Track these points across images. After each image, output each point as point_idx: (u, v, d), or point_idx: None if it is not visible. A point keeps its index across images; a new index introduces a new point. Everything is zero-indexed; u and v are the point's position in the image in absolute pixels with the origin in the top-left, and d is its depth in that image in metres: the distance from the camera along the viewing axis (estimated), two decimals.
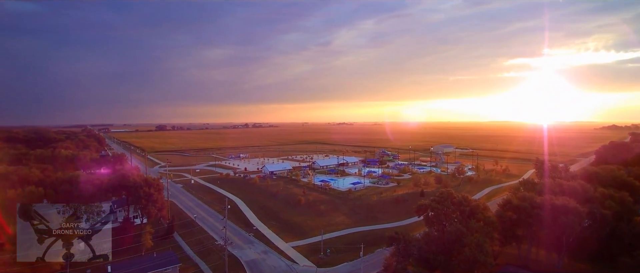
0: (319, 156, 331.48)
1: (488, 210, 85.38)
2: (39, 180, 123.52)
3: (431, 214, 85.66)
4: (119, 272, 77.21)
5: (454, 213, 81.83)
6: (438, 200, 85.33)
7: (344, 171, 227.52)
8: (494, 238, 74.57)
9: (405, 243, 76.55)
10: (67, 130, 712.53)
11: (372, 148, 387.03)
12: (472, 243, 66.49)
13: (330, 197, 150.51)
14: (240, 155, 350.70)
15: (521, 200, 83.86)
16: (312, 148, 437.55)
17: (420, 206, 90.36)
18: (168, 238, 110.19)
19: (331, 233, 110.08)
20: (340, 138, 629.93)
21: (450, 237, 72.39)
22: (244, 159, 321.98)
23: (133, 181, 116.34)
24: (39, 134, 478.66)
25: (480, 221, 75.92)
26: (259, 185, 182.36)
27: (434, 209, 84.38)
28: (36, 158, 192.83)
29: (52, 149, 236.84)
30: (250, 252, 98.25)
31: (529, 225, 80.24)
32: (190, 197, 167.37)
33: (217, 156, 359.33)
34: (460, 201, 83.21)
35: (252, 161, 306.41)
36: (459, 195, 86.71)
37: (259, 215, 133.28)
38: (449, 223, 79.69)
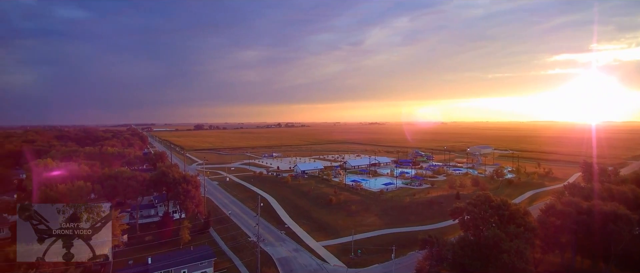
0: (350, 156, 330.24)
1: (529, 215, 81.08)
2: (88, 176, 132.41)
3: (467, 218, 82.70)
4: (159, 264, 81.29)
5: (491, 217, 78.44)
6: (475, 203, 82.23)
7: (375, 172, 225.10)
8: (535, 245, 70.79)
9: (439, 247, 74.39)
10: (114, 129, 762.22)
11: (405, 148, 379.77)
12: (511, 250, 63.44)
13: (361, 197, 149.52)
14: (273, 154, 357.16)
15: (566, 205, 78.95)
16: (344, 148, 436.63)
17: (456, 209, 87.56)
18: (204, 233, 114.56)
19: (362, 233, 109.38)
20: (372, 138, 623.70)
21: (487, 242, 69.47)
22: (277, 159, 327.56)
23: (172, 178, 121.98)
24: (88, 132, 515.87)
25: (520, 226, 72.28)
26: (290, 183, 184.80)
27: (470, 212, 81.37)
28: (85, 155, 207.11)
29: (100, 147, 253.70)
30: (282, 250, 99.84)
31: (573, 231, 75.34)
32: (226, 194, 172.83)
33: (251, 155, 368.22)
34: (498, 204, 79.68)
35: (285, 160, 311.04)
36: (497, 199, 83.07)
37: (291, 214, 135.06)
38: (486, 227, 76.52)
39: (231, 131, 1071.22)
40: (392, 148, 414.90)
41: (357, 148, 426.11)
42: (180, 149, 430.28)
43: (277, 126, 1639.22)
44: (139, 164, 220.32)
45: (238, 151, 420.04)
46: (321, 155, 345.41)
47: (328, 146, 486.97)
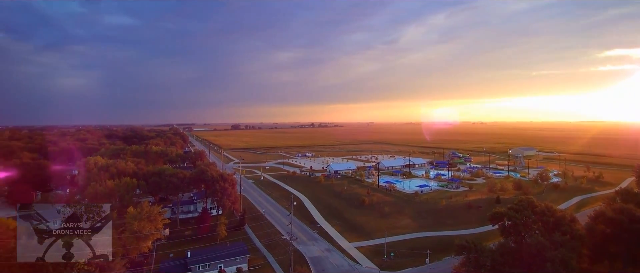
0: (384, 156, 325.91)
1: (576, 222, 75.80)
2: (134, 172, 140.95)
3: (508, 223, 78.86)
4: (197, 258, 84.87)
5: (535, 223, 74.25)
6: (517, 208, 78.29)
7: (410, 173, 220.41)
8: (582, 255, 66.15)
9: (477, 253, 71.37)
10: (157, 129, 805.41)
11: (441, 149, 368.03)
12: (556, 259, 59.68)
13: (395, 199, 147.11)
14: (307, 154, 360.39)
15: (617, 212, 72.99)
16: (377, 148, 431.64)
17: (496, 214, 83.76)
18: (239, 230, 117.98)
19: (395, 236, 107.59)
20: (406, 138, 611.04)
21: (529, 250, 65.76)
22: (310, 158, 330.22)
23: (211, 176, 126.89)
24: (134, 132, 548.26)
25: (566, 234, 67.81)
26: (323, 183, 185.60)
27: (511, 218, 77.50)
28: (132, 153, 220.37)
29: (145, 145, 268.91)
30: (314, 249, 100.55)
31: (625, 241, 69.40)
32: (260, 192, 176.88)
33: (285, 154, 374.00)
34: (543, 210, 75.31)
35: (318, 160, 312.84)
36: (541, 204, 78.55)
37: (323, 213, 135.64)
38: (529, 234, 72.41)
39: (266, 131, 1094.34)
40: (428, 148, 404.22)
41: (391, 149, 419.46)
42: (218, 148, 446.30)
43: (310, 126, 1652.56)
44: (180, 162, 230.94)
45: (272, 150, 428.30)
46: (354, 155, 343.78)
47: (361, 146, 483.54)
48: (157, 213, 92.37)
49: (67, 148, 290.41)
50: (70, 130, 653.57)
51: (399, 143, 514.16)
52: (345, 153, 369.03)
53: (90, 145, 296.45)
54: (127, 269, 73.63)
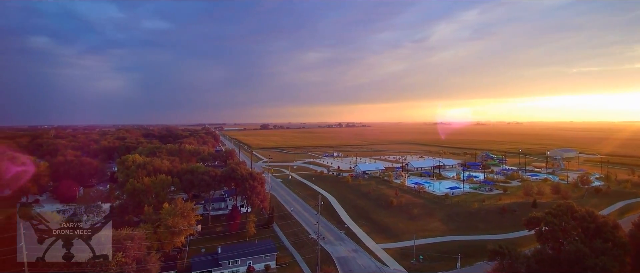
0: (412, 157, 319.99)
1: (619, 229, 70.83)
2: (168, 170, 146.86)
3: (545, 229, 75.19)
4: (227, 254, 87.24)
5: (574, 229, 70.31)
6: (555, 213, 74.50)
7: (440, 174, 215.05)
8: (625, 263, 61.84)
9: (511, 259, 68.51)
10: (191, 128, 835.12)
11: (473, 149, 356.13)
12: (597, 267, 56.23)
13: (424, 201, 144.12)
14: (334, 154, 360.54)
15: None
16: (406, 149, 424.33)
17: (532, 218, 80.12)
18: (268, 228, 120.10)
19: (424, 238, 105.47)
20: (436, 139, 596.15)
21: (568, 257, 62.36)
22: (337, 158, 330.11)
23: (241, 174, 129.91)
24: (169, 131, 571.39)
25: (608, 241, 63.68)
26: (351, 183, 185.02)
27: (549, 223, 73.83)
28: (167, 151, 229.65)
29: (179, 144, 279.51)
30: (341, 249, 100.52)
31: None
32: (288, 191, 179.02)
33: (312, 154, 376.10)
34: (583, 216, 71.17)
35: (345, 160, 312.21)
36: (581, 209, 74.25)
37: (351, 214, 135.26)
38: (568, 241, 68.72)
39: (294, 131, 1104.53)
40: (459, 149, 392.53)
41: (420, 149, 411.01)
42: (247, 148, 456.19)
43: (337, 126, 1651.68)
44: (212, 161, 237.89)
45: (300, 150, 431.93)
46: (382, 156, 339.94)
47: (389, 146, 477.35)
48: (190, 210, 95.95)
49: (108, 146, 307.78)
50: (111, 129, 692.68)
51: (428, 143, 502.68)
52: (372, 153, 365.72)
53: (128, 144, 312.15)
54: (162, 263, 76.89)
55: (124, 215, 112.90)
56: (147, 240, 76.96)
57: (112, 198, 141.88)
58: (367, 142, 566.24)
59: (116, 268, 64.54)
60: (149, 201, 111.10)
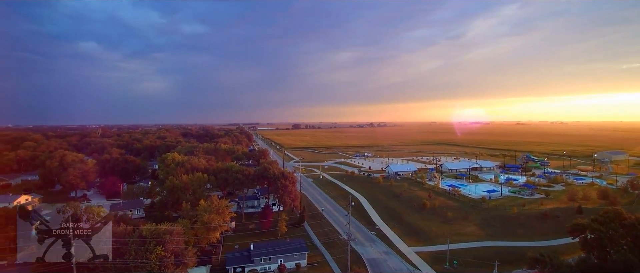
0: (447, 158, 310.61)
1: None
2: (205, 168, 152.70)
3: (591, 237, 70.77)
4: (260, 251, 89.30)
5: (623, 238, 65.62)
6: (602, 219, 69.85)
7: (476, 177, 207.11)
8: None
9: (553, 268, 64.94)
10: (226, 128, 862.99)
11: (513, 151, 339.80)
12: None
13: (459, 204, 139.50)
14: (365, 154, 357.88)
15: None
16: (440, 149, 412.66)
17: (576, 225, 75.69)
18: (299, 227, 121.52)
19: (459, 243, 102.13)
20: (473, 139, 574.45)
21: (615, 268, 58.14)
22: (368, 158, 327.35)
23: (273, 173, 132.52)
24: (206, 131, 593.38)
25: None
26: (382, 184, 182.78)
27: (595, 231, 69.37)
28: (203, 150, 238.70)
29: (215, 143, 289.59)
30: (372, 251, 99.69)
31: None
32: (319, 191, 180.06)
33: (343, 154, 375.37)
34: (633, 223, 66.10)
35: (376, 160, 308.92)
36: (631, 216, 69.00)
37: (382, 215, 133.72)
38: (615, 250, 64.15)
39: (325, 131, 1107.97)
40: (498, 150, 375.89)
41: (456, 150, 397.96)
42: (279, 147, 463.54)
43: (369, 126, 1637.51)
44: (245, 160, 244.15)
45: (331, 150, 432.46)
46: (415, 156, 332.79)
47: (422, 147, 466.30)
48: (224, 207, 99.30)
49: (150, 145, 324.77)
50: (152, 129, 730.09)
51: (464, 144, 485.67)
52: (405, 154, 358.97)
53: (168, 143, 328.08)
54: (198, 257, 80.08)
55: (164, 211, 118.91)
56: (184, 234, 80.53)
57: (153, 194, 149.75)
58: (399, 142, 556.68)
59: (156, 261, 68.02)
60: (186, 197, 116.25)
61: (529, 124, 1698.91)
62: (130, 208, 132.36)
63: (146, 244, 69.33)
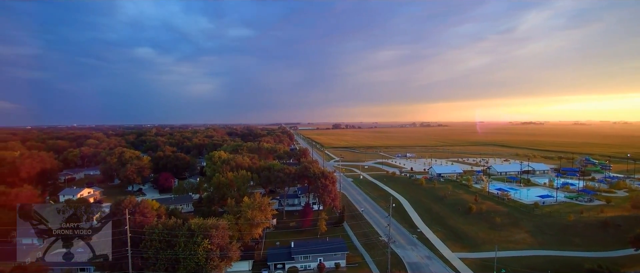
0: (496, 160, 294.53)
1: None
2: (248, 166, 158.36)
3: None
4: (300, 249, 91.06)
5: None
6: None
7: (528, 180, 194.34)
8: None
9: None
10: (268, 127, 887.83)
11: (570, 153, 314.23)
12: None
13: (508, 209, 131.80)
14: (407, 155, 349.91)
15: None
16: (488, 151, 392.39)
17: None
18: (338, 226, 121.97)
19: (507, 251, 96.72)
20: (525, 140, 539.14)
21: None
22: (411, 159, 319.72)
23: (313, 172, 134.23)
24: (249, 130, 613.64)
25: None
26: (425, 186, 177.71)
27: None
28: (247, 149, 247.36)
29: (258, 142, 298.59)
30: (413, 254, 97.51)
31: None
32: (359, 191, 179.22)
33: (384, 154, 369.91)
34: None
35: (419, 161, 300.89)
36: None
37: (424, 218, 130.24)
38: None
39: (365, 131, 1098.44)
40: (553, 152, 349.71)
41: (506, 152, 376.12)
42: (320, 147, 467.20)
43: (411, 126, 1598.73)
44: (287, 159, 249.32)
45: (372, 150, 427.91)
46: (460, 158, 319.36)
47: (469, 148, 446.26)
48: (267, 204, 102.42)
49: (198, 143, 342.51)
50: (201, 128, 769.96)
51: (515, 145, 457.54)
52: (449, 155, 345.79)
53: (215, 141, 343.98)
54: (242, 252, 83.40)
55: (211, 206, 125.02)
56: (229, 229, 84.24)
57: (201, 190, 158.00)
58: (443, 143, 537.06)
59: (203, 253, 71.90)
60: (231, 194, 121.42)
61: (588, 124, 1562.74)
62: (180, 203, 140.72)
63: (194, 237, 73.39)
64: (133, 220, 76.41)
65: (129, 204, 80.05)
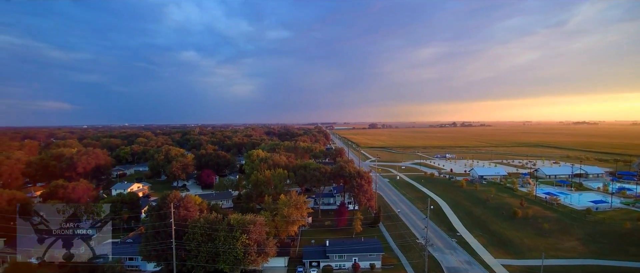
0: (544, 162, 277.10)
1: None
2: (285, 165, 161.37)
3: None
4: (335, 248, 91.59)
5: None
6: None
7: (580, 184, 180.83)
8: None
9: None
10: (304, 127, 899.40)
11: (627, 156, 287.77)
12: None
13: (557, 215, 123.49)
14: (447, 155, 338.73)
15: None
16: (536, 152, 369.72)
17: None
18: (374, 227, 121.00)
19: (556, 259, 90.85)
20: (577, 141, 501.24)
21: None
22: (450, 160, 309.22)
23: (349, 172, 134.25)
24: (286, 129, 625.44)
25: None
26: (465, 188, 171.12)
27: None
28: (284, 148, 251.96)
29: (295, 141, 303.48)
30: (452, 259, 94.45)
31: None
32: (395, 192, 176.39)
33: (422, 154, 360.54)
34: None
35: (459, 162, 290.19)
36: None
37: (464, 221, 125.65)
38: None
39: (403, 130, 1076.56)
40: (609, 155, 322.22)
41: (555, 153, 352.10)
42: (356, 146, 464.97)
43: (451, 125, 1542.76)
44: (323, 158, 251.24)
45: (409, 150, 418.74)
46: (504, 160, 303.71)
47: (514, 149, 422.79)
48: (302, 202, 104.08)
49: (238, 142, 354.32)
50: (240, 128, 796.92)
51: (566, 147, 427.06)
52: (493, 156, 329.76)
53: (254, 140, 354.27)
54: (278, 248, 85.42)
55: (249, 202, 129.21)
56: (266, 226, 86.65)
57: (240, 187, 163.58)
58: (486, 143, 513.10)
59: (241, 248, 74.60)
60: (268, 191, 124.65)
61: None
62: (221, 199, 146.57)
63: (233, 232, 76.33)
64: (177, 213, 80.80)
65: (174, 198, 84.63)
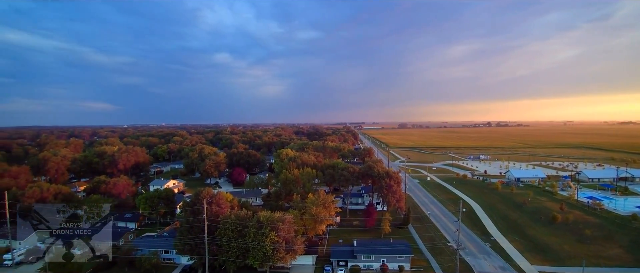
0: (586, 165, 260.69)
1: None
2: (314, 164, 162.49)
3: None
4: (363, 248, 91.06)
5: None
6: None
7: (626, 189, 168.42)
8: None
9: None
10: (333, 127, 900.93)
11: None
12: None
13: (600, 220, 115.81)
14: (481, 156, 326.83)
15: None
16: (577, 154, 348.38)
17: None
18: (403, 228, 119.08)
19: (597, 267, 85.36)
20: (623, 142, 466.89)
21: None
22: (484, 161, 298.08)
23: (377, 172, 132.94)
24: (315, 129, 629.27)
25: None
26: (500, 191, 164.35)
27: None
28: (313, 147, 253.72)
29: (323, 141, 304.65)
30: (486, 264, 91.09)
31: None
32: (425, 193, 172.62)
33: (454, 155, 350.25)
34: None
35: (494, 164, 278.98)
36: None
37: (499, 225, 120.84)
38: None
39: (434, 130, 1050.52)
40: None
41: (599, 155, 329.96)
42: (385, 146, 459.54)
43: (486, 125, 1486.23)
44: (351, 158, 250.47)
45: (440, 150, 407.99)
46: (543, 161, 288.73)
47: (554, 150, 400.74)
48: (330, 202, 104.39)
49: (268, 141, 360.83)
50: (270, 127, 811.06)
51: (611, 148, 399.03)
52: (530, 158, 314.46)
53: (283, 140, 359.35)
54: (306, 246, 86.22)
55: (278, 200, 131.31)
56: (294, 224, 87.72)
57: (270, 185, 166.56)
58: (523, 144, 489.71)
59: (270, 245, 76.02)
60: (297, 190, 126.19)
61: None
62: (251, 196, 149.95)
63: (263, 229, 77.95)
64: (210, 210, 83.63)
65: (206, 195, 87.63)
